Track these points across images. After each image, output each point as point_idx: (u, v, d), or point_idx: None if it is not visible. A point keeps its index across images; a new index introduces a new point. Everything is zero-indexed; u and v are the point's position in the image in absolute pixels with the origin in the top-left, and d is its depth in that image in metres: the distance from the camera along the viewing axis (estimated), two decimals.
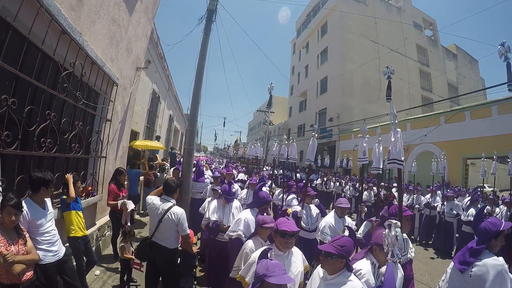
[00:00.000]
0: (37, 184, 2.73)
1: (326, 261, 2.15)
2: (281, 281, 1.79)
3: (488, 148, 10.09)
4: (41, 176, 2.74)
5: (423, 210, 9.19)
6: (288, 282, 1.83)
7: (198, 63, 7.10)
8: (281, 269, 1.87)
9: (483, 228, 2.54)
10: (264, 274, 1.84)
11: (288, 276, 1.87)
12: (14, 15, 2.58)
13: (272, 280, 1.79)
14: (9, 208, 2.30)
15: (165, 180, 3.75)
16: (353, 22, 24.28)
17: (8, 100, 2.61)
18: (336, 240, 2.20)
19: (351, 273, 2.16)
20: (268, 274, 1.82)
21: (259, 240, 3.05)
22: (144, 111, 10.00)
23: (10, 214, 2.31)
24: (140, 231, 7.04)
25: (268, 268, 1.87)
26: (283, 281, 1.80)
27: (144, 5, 6.43)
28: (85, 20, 3.93)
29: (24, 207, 2.53)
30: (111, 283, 4.45)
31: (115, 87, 5.43)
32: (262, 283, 1.84)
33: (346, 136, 21.60)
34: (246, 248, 2.95)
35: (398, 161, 3.29)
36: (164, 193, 3.59)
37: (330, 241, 2.27)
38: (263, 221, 3.02)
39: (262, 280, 1.83)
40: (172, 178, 3.84)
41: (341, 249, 2.13)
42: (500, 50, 4.70)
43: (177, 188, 3.67)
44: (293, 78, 35.56)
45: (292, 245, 2.59)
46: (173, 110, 17.65)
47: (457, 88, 29.90)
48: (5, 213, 2.31)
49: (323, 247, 2.19)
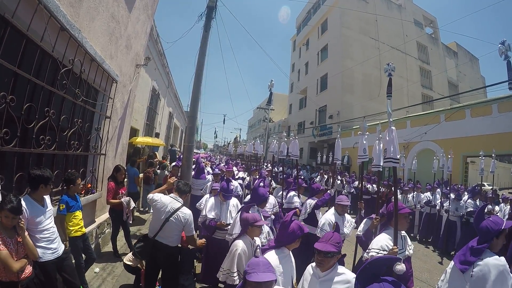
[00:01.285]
0: (36, 181, 2.71)
1: (325, 260, 2.15)
2: (258, 279, 1.72)
3: (488, 146, 10.07)
4: (40, 173, 2.72)
5: (423, 208, 9.21)
6: (267, 279, 1.73)
7: (198, 60, 7.07)
8: (263, 267, 1.80)
9: (484, 227, 2.51)
10: (246, 271, 1.80)
11: (269, 274, 1.76)
12: (12, 11, 2.56)
13: (250, 277, 1.74)
14: (6, 212, 2.29)
15: (177, 183, 3.74)
16: (353, 20, 24.17)
17: (6, 97, 2.60)
18: (331, 238, 2.20)
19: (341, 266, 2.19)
20: (248, 271, 1.78)
21: (248, 239, 3.01)
22: (144, 108, 9.99)
23: (7, 217, 2.31)
24: (140, 228, 7.05)
25: (250, 265, 1.82)
26: (261, 278, 1.72)
27: (144, 2, 6.40)
28: (84, 17, 3.90)
29: (23, 205, 2.52)
30: (110, 281, 4.45)
31: (114, 84, 5.41)
32: (245, 280, 1.79)
33: (346, 133, 21.57)
34: (238, 249, 2.88)
35: (393, 159, 3.29)
36: (175, 192, 3.61)
37: (324, 240, 2.24)
38: (254, 219, 2.99)
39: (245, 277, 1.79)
40: (185, 183, 3.81)
41: (338, 246, 2.15)
42: (501, 49, 4.66)
43: (188, 192, 3.77)
44: (293, 75, 35.45)
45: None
46: (173, 107, 17.63)
47: (458, 86, 29.82)
48: (2, 215, 2.31)
49: (321, 246, 2.17)
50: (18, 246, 2.41)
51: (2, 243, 2.26)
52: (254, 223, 2.96)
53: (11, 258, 2.29)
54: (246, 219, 3.02)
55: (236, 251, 2.87)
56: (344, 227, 4.36)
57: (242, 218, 3.08)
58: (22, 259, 2.42)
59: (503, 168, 30.02)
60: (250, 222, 2.97)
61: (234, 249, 2.90)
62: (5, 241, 2.30)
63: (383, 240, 3.15)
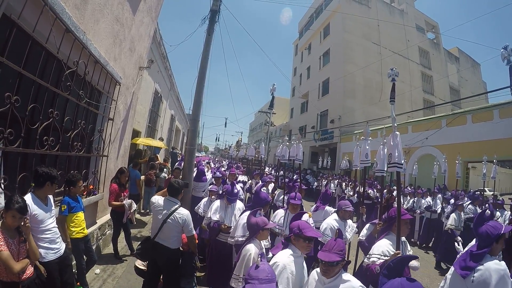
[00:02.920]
0: (43, 179, 2.75)
1: (330, 269, 2.13)
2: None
3: (489, 151, 10.05)
4: (48, 171, 2.76)
5: (424, 213, 9.18)
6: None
7: (201, 63, 7.12)
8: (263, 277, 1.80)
9: (484, 231, 2.51)
10: (246, 279, 1.81)
11: (267, 286, 1.77)
12: (18, 13, 2.59)
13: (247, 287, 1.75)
14: (14, 211, 2.30)
15: (169, 181, 3.73)
16: (355, 24, 24.25)
17: (11, 97, 2.62)
18: (335, 246, 2.17)
19: (345, 272, 2.15)
20: (248, 280, 1.79)
21: (258, 243, 2.99)
22: (146, 110, 10.01)
23: (14, 217, 2.31)
24: (141, 231, 7.05)
25: (250, 275, 1.82)
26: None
27: (148, 4, 6.45)
28: (89, 19, 3.94)
29: (27, 200, 2.54)
30: (111, 282, 4.45)
31: (117, 86, 5.44)
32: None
33: (348, 138, 21.55)
34: (252, 253, 2.80)
35: (398, 164, 3.29)
36: (168, 194, 3.58)
37: (327, 248, 2.20)
38: (264, 223, 2.97)
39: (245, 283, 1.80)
40: (177, 180, 3.80)
41: (342, 253, 2.12)
42: (503, 54, 4.68)
43: (182, 189, 3.64)
44: (295, 80, 35.53)
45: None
46: (175, 110, 17.65)
47: (459, 92, 29.81)
48: (9, 215, 2.31)
49: (325, 256, 2.14)
50: (20, 247, 2.41)
51: (3, 244, 2.26)
52: (264, 227, 2.95)
53: (12, 259, 2.28)
54: (257, 223, 2.97)
55: (250, 255, 2.79)
56: (346, 232, 4.35)
57: (251, 223, 3.02)
58: (24, 259, 2.43)
59: (504, 174, 29.98)
60: (261, 226, 2.94)
61: (248, 254, 2.81)
62: (7, 242, 2.29)
63: (384, 246, 3.14)
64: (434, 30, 30.66)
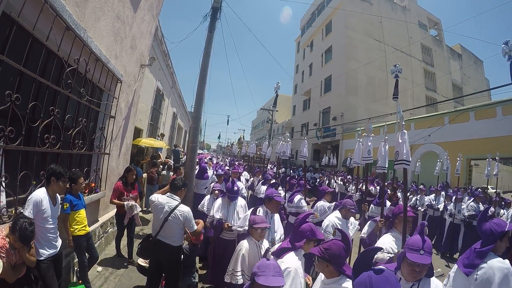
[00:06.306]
0: (48, 174, 2.85)
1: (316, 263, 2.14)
2: (267, 283, 1.73)
3: (492, 149, 10.00)
4: (53, 167, 2.87)
5: (426, 211, 9.16)
6: (277, 284, 1.74)
7: (202, 60, 7.09)
8: (273, 270, 1.82)
9: (488, 229, 2.48)
10: (255, 273, 1.81)
11: (279, 279, 1.79)
12: (18, 11, 2.58)
13: (259, 280, 1.76)
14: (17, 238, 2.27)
15: (171, 182, 3.73)
16: (357, 21, 24.15)
17: (12, 95, 2.61)
18: (324, 243, 2.16)
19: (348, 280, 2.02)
20: (258, 273, 1.79)
21: (253, 241, 3.04)
22: (148, 108, 10.01)
23: (16, 241, 2.29)
24: (143, 228, 7.06)
25: (260, 267, 1.83)
26: (270, 283, 1.73)
27: (149, 2, 6.43)
28: (90, 17, 3.92)
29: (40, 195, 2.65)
30: (113, 280, 4.46)
31: (119, 84, 5.43)
32: (253, 281, 1.81)
33: (350, 135, 21.51)
34: (243, 249, 2.93)
35: (405, 161, 3.27)
36: (170, 190, 3.59)
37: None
38: (253, 221, 3.01)
39: (253, 278, 1.81)
40: (180, 177, 3.83)
41: (324, 252, 2.06)
42: (504, 49, 4.63)
43: (183, 187, 3.64)
44: (297, 77, 35.45)
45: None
46: (177, 108, 17.65)
47: (462, 89, 29.68)
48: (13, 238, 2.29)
49: (313, 249, 2.19)
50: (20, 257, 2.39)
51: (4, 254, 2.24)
52: (253, 225, 3.00)
53: (10, 270, 2.25)
54: (248, 221, 3.11)
55: (240, 251, 2.92)
56: (348, 229, 4.34)
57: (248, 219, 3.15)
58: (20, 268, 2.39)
59: (507, 171, 29.82)
60: (250, 224, 3.04)
61: (239, 249, 2.97)
62: (8, 252, 2.27)
63: (387, 242, 3.13)
64: (437, 27, 30.49)
